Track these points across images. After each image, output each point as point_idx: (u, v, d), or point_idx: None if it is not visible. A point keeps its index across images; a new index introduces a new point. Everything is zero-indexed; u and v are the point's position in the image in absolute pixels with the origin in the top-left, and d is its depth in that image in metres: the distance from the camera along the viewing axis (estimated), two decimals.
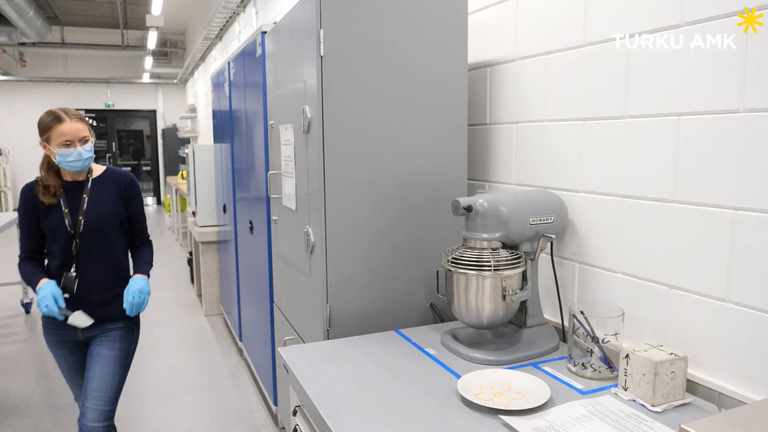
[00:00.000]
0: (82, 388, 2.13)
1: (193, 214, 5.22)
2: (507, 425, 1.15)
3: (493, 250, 1.50)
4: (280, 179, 2.18)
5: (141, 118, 13.95)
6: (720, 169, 1.23)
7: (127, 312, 2.07)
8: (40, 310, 1.97)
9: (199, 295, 5.44)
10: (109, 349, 2.12)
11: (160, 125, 13.64)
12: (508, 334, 1.60)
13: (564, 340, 1.62)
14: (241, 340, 4.03)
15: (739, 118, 1.18)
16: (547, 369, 1.44)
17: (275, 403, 2.98)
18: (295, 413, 1.50)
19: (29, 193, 2.08)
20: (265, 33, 2.54)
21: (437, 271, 1.66)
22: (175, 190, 8.19)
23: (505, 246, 1.52)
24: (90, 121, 6.93)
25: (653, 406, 1.21)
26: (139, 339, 2.25)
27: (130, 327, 2.19)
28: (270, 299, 2.81)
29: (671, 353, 1.25)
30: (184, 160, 8.68)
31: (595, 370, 1.38)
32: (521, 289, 1.50)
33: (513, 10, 1.83)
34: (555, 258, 1.68)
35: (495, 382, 1.32)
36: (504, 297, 1.47)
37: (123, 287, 2.11)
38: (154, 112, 13.81)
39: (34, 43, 10.17)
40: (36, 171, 2.13)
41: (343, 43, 1.70)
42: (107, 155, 13.48)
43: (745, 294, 1.20)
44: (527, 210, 1.55)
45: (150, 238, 2.31)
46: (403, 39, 1.77)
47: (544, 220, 1.57)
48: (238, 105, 3.45)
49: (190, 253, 6.05)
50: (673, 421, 1.16)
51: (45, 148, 2.04)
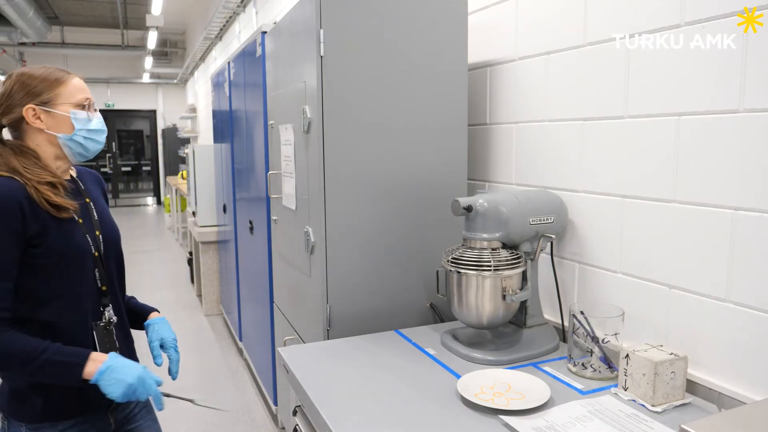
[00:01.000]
0: None
1: (193, 214, 5.22)
2: (507, 425, 1.15)
3: (493, 250, 1.50)
4: (280, 179, 2.18)
5: (141, 118, 13.96)
6: (720, 169, 1.23)
7: (173, 376, 1.47)
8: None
9: (199, 295, 5.44)
10: (154, 421, 1.57)
11: (160, 125, 13.65)
12: (508, 334, 1.60)
13: (564, 340, 1.62)
14: (241, 340, 4.03)
15: (739, 118, 1.18)
16: (547, 369, 1.44)
17: (275, 403, 2.98)
18: (295, 413, 1.50)
19: (14, 200, 1.22)
20: (265, 33, 2.54)
21: (437, 271, 1.66)
22: (175, 190, 8.19)
23: (505, 246, 1.52)
24: None
25: (653, 406, 1.21)
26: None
27: None
28: (270, 299, 2.81)
29: (671, 353, 1.25)
30: (184, 160, 8.68)
31: (595, 370, 1.38)
32: (521, 289, 1.50)
33: (513, 10, 1.83)
34: (555, 258, 1.68)
35: (495, 382, 1.32)
36: (504, 297, 1.47)
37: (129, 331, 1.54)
38: (154, 112, 13.82)
39: (34, 43, 10.16)
40: None
41: (343, 43, 1.70)
42: (107, 155, 13.48)
43: (744, 294, 1.20)
44: (527, 210, 1.55)
45: None
46: (403, 39, 1.77)
47: (544, 220, 1.57)
48: (238, 105, 3.45)
49: (190, 253, 6.05)
50: (673, 421, 1.16)
51: (36, 116, 1.31)
